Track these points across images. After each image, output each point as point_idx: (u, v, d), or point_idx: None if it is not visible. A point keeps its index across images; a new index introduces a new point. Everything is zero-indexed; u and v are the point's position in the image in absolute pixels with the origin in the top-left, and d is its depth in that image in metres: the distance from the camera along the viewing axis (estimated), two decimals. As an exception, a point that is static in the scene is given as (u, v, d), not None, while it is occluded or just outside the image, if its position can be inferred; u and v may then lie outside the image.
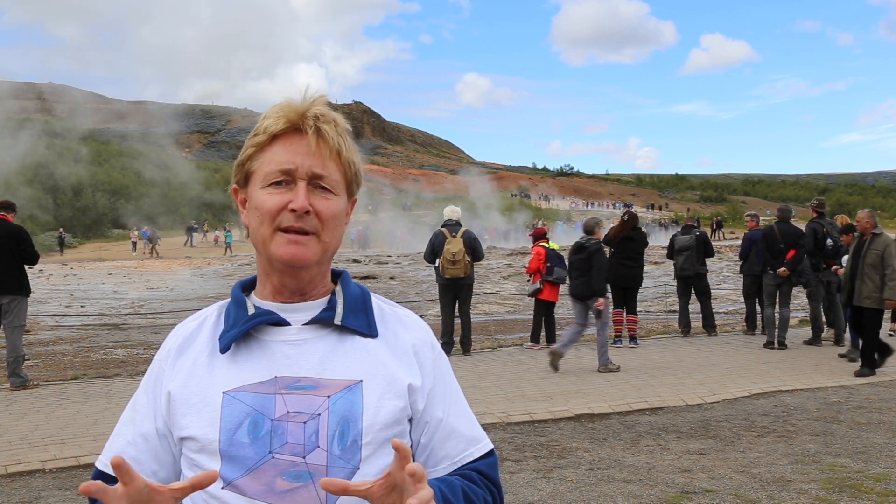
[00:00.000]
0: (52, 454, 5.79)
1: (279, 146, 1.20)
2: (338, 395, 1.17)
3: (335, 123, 1.22)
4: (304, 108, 1.21)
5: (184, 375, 1.23)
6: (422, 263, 29.70)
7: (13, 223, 8.36)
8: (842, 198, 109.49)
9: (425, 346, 1.29)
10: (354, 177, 1.26)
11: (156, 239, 46.32)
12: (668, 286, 20.42)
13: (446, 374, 1.31)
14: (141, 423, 1.26)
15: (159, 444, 1.24)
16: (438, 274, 10.00)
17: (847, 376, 8.45)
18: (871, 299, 8.63)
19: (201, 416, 1.18)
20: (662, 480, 5.07)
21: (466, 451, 1.27)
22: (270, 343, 1.22)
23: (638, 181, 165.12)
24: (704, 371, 8.67)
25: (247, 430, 1.15)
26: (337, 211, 1.22)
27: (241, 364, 1.20)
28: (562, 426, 6.60)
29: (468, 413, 1.32)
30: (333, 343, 1.23)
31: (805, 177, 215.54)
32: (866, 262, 8.66)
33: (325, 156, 1.20)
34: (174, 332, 1.30)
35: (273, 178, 1.20)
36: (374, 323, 1.27)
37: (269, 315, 1.23)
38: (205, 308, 1.34)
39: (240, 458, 1.15)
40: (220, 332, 1.25)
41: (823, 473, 5.17)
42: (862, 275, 8.68)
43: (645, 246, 10.80)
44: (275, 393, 1.17)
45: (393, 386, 1.21)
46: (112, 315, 16.93)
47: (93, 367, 10.02)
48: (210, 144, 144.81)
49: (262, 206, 1.20)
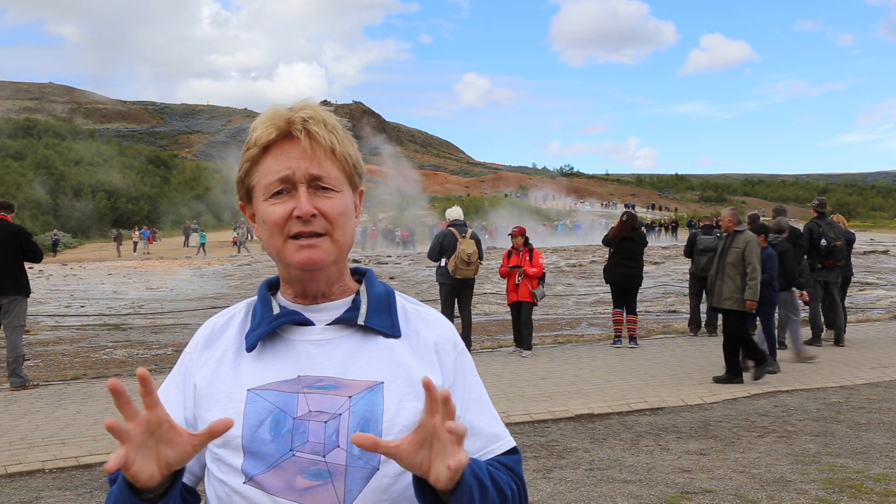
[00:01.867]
0: (52, 454, 5.79)
1: (272, 156, 1.21)
2: (359, 395, 1.19)
3: (324, 122, 1.22)
4: (290, 114, 1.21)
5: (210, 370, 1.25)
6: (422, 263, 29.68)
7: (13, 223, 8.36)
8: (842, 198, 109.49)
9: (447, 344, 1.29)
10: (354, 169, 1.25)
11: (121, 240, 46.88)
12: (668, 286, 20.44)
13: (468, 372, 1.31)
14: (171, 412, 1.27)
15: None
16: (442, 273, 9.97)
17: (847, 376, 8.45)
18: (731, 300, 8.08)
19: (225, 412, 1.19)
20: (662, 480, 5.07)
21: (487, 447, 1.27)
22: (295, 342, 1.23)
23: (638, 181, 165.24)
24: (704, 371, 8.66)
25: (269, 428, 1.17)
26: (342, 208, 1.22)
27: (266, 362, 1.22)
28: (562, 426, 6.60)
29: (490, 411, 1.32)
30: (356, 343, 1.24)
31: (805, 177, 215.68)
32: (727, 260, 8.14)
33: (319, 156, 1.20)
34: (203, 326, 1.33)
35: (273, 188, 1.20)
36: (397, 323, 1.27)
37: (293, 315, 1.24)
38: (233, 305, 1.35)
39: (261, 455, 1.16)
40: (247, 331, 1.26)
41: (823, 473, 5.17)
42: (723, 274, 8.18)
43: (644, 246, 10.80)
44: (297, 392, 1.19)
45: (413, 387, 1.21)
46: (112, 315, 16.93)
47: (93, 367, 10.02)
48: (210, 144, 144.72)
49: (268, 219, 1.21)
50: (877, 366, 9.05)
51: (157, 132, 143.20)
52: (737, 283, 8.04)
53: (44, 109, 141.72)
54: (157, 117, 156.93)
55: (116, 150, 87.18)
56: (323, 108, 1.24)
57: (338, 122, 1.24)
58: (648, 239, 11.74)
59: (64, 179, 64.69)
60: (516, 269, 9.98)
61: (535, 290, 9.91)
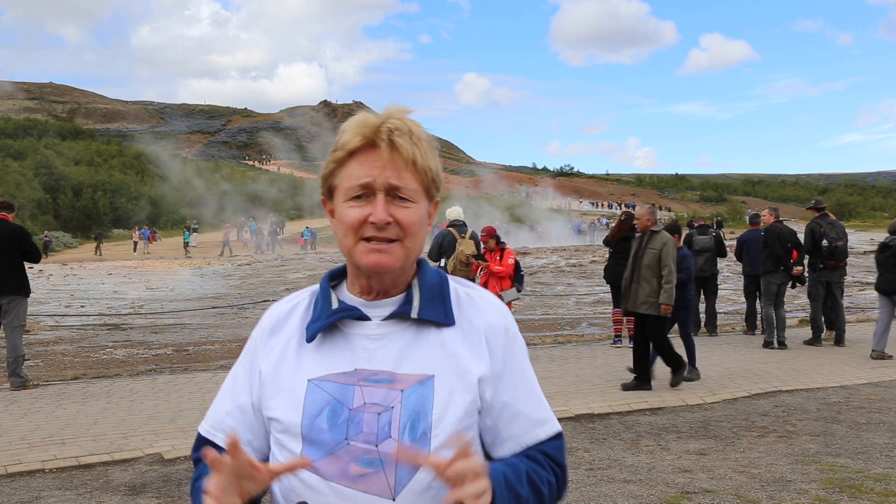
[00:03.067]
0: (52, 454, 5.80)
1: (356, 162, 1.27)
2: (411, 389, 1.25)
3: (410, 134, 1.27)
4: (378, 123, 1.26)
5: (275, 358, 1.32)
6: (422, 263, 29.68)
7: (13, 223, 8.37)
8: (842, 198, 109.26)
9: (498, 330, 1.33)
10: (433, 182, 1.31)
11: (101, 239, 47.32)
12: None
13: (518, 357, 1.36)
14: (239, 395, 1.36)
15: (254, 416, 1.34)
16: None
17: (847, 376, 8.45)
18: (647, 304, 7.63)
19: (287, 401, 1.28)
20: (662, 480, 5.07)
21: (531, 432, 1.35)
22: (352, 336, 1.30)
23: (638, 181, 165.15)
24: (704, 371, 8.66)
25: (326, 417, 1.25)
26: (416, 218, 1.28)
27: (326, 354, 1.30)
28: (562, 426, 6.59)
29: (538, 397, 1.39)
30: (410, 338, 1.30)
31: (805, 177, 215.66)
32: (643, 262, 7.70)
33: (400, 167, 1.26)
34: (269, 313, 1.40)
35: (353, 192, 1.27)
36: (450, 311, 1.32)
37: (351, 311, 1.31)
38: (297, 292, 1.42)
39: (319, 442, 1.24)
40: (308, 321, 1.33)
41: (823, 473, 5.17)
42: (638, 277, 7.72)
43: None
44: (354, 384, 1.26)
45: (463, 380, 1.28)
46: (112, 315, 16.94)
47: (93, 367, 10.02)
48: (210, 144, 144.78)
49: (345, 220, 1.28)
50: (877, 366, 9.06)
51: (157, 132, 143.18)
52: (653, 286, 7.60)
53: (44, 109, 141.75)
54: (157, 117, 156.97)
55: (116, 150, 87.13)
56: (410, 119, 1.29)
57: (424, 134, 1.30)
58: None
59: (64, 179, 64.63)
60: (479, 261, 9.46)
61: (503, 292, 9.27)
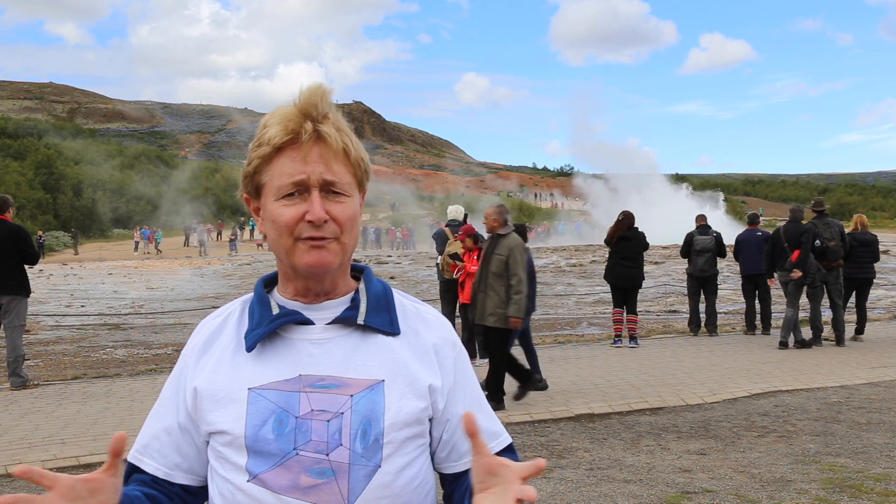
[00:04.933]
0: (53, 454, 5.80)
1: (286, 157, 1.20)
2: (360, 394, 1.20)
3: (336, 125, 1.22)
4: (302, 113, 1.20)
5: (209, 372, 1.25)
6: (422, 263, 29.73)
7: (13, 223, 8.37)
8: (842, 197, 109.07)
9: (446, 344, 1.31)
10: (364, 173, 1.26)
11: (78, 238, 47.45)
12: (668, 286, 20.43)
13: (467, 371, 1.33)
14: (164, 417, 1.30)
15: (181, 437, 1.27)
16: (440, 272, 9.97)
17: (847, 376, 8.44)
18: (495, 316, 6.86)
19: (227, 412, 1.21)
20: (662, 480, 5.07)
21: (489, 444, 1.30)
22: (295, 341, 1.24)
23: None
24: (704, 371, 8.67)
25: (272, 427, 1.18)
26: (352, 213, 1.23)
27: (267, 361, 1.23)
28: (562, 426, 6.60)
29: (487, 409, 1.35)
30: (356, 342, 1.24)
31: (805, 177, 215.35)
32: (490, 269, 6.95)
33: (330, 160, 1.20)
34: (199, 329, 1.33)
35: (286, 190, 1.20)
36: (396, 320, 1.28)
37: (293, 315, 1.25)
38: (227, 304, 1.35)
39: (265, 454, 1.18)
40: (246, 330, 1.26)
41: (823, 473, 5.17)
42: (485, 286, 6.96)
43: (644, 248, 10.66)
44: (299, 391, 1.20)
45: (414, 386, 1.23)
46: (112, 315, 16.93)
47: (93, 367, 10.02)
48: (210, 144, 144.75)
49: (278, 220, 1.21)
50: (877, 366, 9.05)
51: (157, 132, 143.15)
52: (501, 296, 6.87)
53: (44, 109, 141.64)
54: (157, 117, 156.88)
55: (116, 150, 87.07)
56: (331, 104, 1.22)
57: (343, 121, 1.24)
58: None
59: (64, 179, 64.58)
60: (456, 261, 9.11)
61: None
